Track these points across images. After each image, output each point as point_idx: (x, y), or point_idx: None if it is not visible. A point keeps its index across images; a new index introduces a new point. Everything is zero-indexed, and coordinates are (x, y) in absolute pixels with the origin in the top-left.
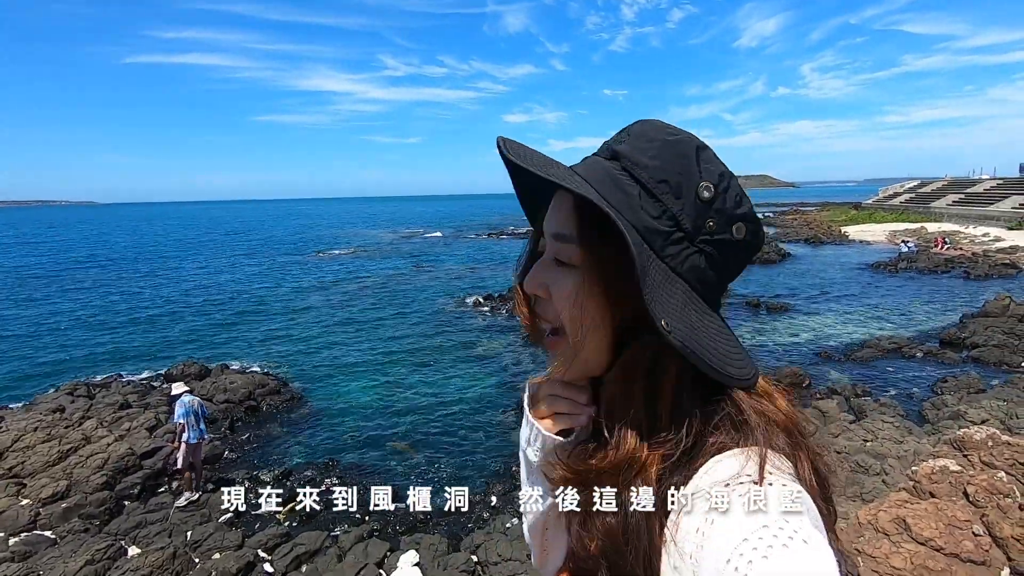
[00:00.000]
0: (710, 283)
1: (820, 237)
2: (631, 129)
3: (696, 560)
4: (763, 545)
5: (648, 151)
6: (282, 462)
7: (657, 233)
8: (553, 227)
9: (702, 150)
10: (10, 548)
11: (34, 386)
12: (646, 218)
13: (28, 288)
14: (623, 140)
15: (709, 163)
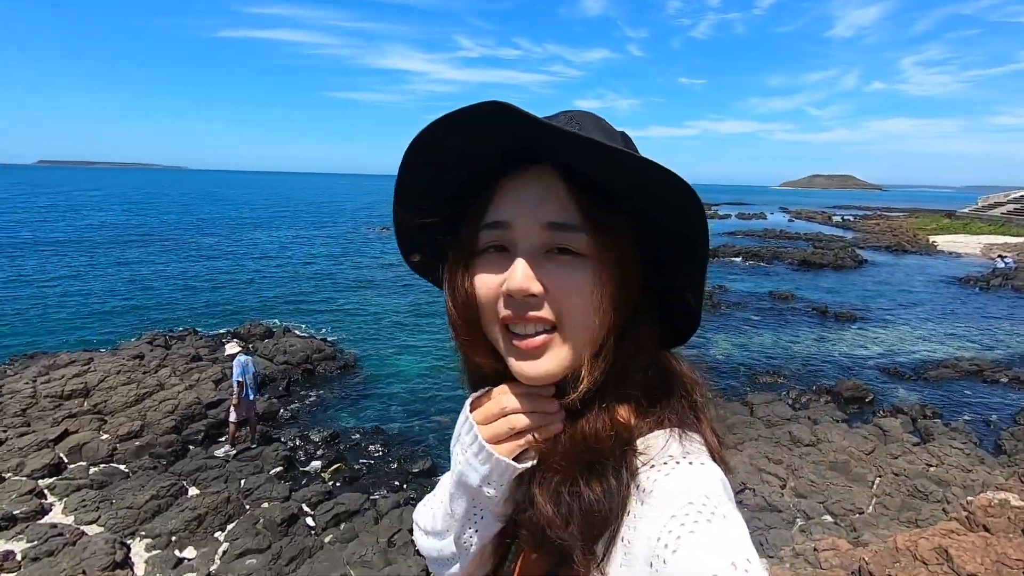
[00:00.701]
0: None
1: (904, 245)
2: (577, 118)
3: (628, 541)
4: (689, 521)
5: (610, 142)
6: (331, 425)
7: None
8: (544, 215)
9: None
10: (90, 476)
11: (120, 333)
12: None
13: (124, 246)
14: (577, 128)
15: None
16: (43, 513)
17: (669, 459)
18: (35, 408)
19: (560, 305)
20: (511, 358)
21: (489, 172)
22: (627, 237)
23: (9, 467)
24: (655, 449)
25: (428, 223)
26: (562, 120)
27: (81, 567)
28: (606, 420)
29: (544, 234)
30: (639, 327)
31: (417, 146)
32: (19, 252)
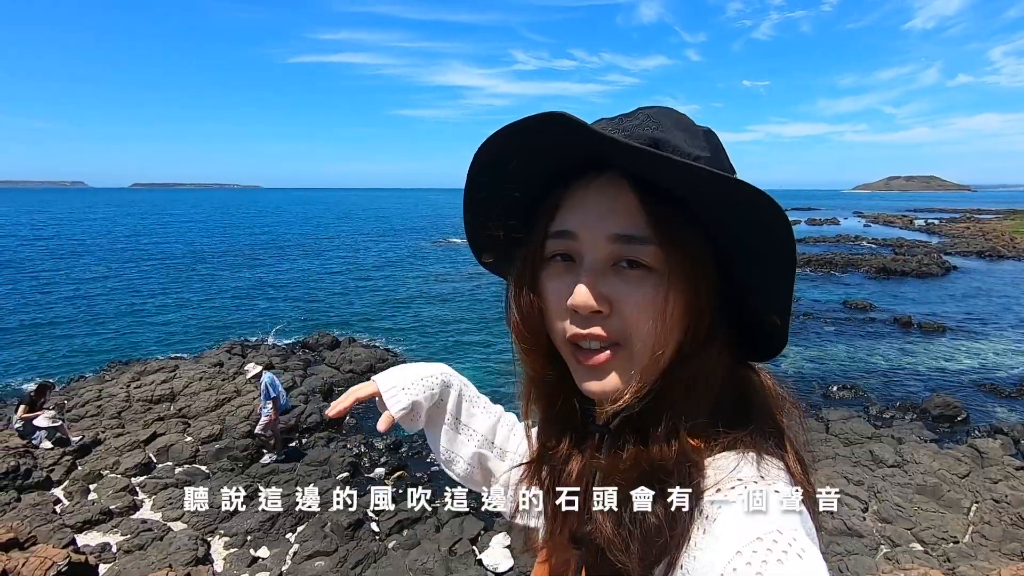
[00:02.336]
0: None
1: (999, 250)
2: (655, 116)
3: (687, 571)
4: (757, 560)
5: (691, 140)
6: (395, 432)
7: None
8: (610, 227)
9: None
10: (175, 475)
11: (203, 341)
12: None
13: (206, 262)
14: (653, 128)
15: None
16: (135, 509)
17: (738, 483)
18: (128, 411)
19: (626, 322)
20: (577, 373)
21: (559, 176)
22: (702, 251)
23: (107, 465)
24: (724, 471)
25: (496, 232)
26: (639, 119)
27: (168, 561)
28: (672, 438)
29: (610, 246)
30: (713, 344)
31: (483, 154)
32: (118, 267)
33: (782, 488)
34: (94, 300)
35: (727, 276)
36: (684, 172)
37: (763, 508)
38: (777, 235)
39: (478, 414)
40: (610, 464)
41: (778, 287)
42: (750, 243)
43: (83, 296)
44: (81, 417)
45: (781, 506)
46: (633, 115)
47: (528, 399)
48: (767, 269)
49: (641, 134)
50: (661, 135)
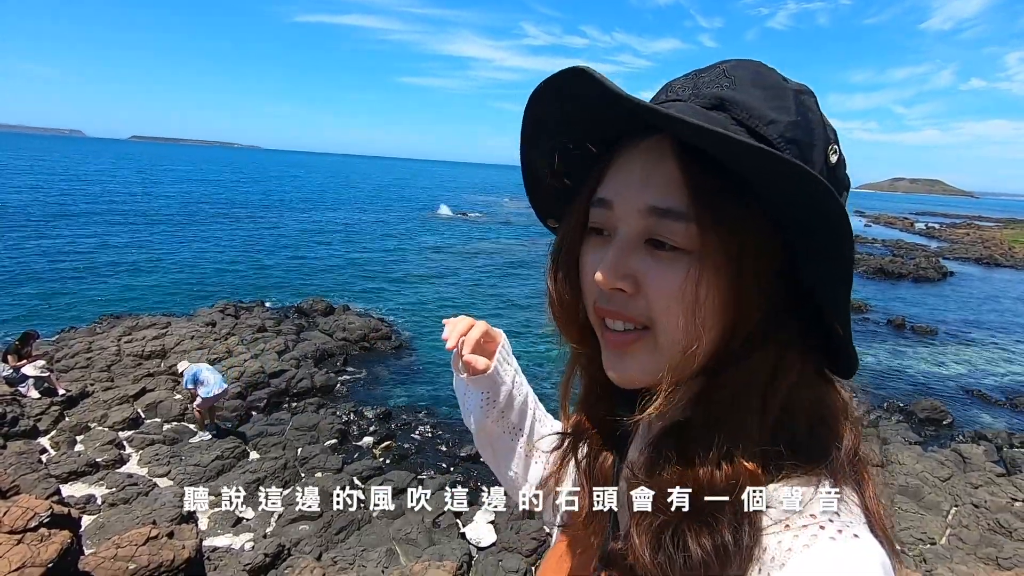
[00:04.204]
0: None
1: (996, 258)
2: (730, 72)
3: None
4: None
5: (771, 101)
6: (384, 402)
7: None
8: (647, 197)
9: (818, 103)
10: (163, 432)
11: (196, 299)
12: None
13: (204, 220)
14: (725, 85)
15: (827, 120)
16: (121, 463)
17: (811, 522)
18: (118, 365)
19: (652, 306)
20: (604, 356)
21: (616, 137)
22: (754, 236)
23: (95, 417)
24: (792, 504)
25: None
26: (714, 74)
27: (152, 516)
28: (723, 460)
29: (644, 220)
30: (768, 348)
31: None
32: (114, 220)
33: (862, 534)
34: (87, 252)
35: (793, 272)
36: (726, 144)
37: (840, 562)
38: (839, 234)
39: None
40: (653, 483)
41: (838, 293)
42: (813, 237)
43: (76, 248)
44: (70, 368)
45: (861, 559)
46: (710, 69)
47: (570, 376)
48: (829, 271)
49: (708, 92)
50: (731, 94)
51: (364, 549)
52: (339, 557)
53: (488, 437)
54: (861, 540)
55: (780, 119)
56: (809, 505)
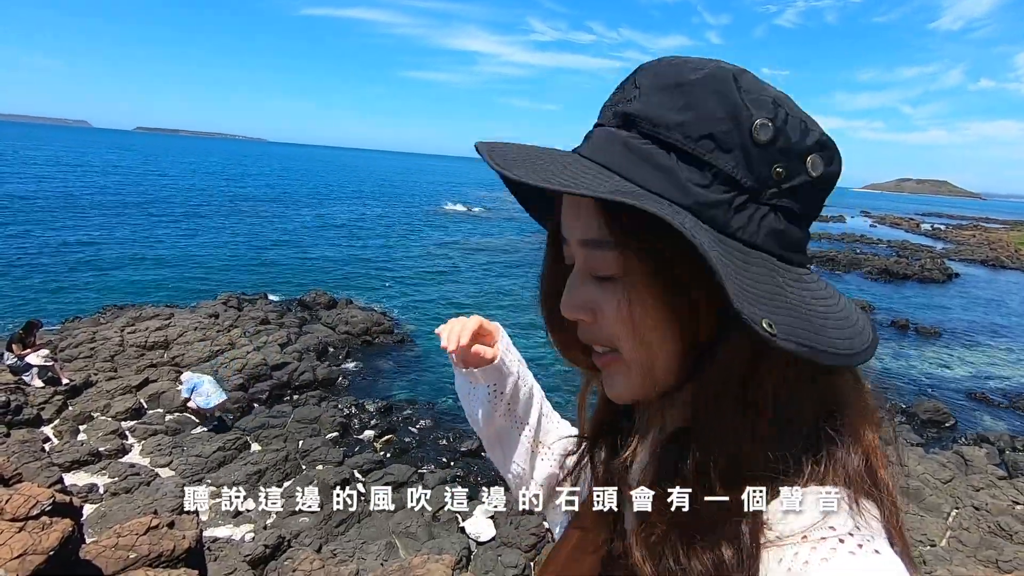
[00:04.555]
0: (795, 240)
1: (1002, 260)
2: (639, 80)
3: None
4: None
5: (673, 102)
6: (385, 396)
7: (714, 205)
8: (578, 232)
9: (741, 77)
10: (165, 423)
11: (199, 291)
12: (695, 191)
13: (208, 212)
14: (632, 97)
15: (755, 92)
16: (124, 452)
17: (830, 534)
18: (122, 355)
19: (608, 331)
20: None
21: None
22: (667, 253)
23: (98, 407)
24: (809, 515)
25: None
26: (628, 84)
27: (153, 506)
28: (710, 475)
29: (582, 252)
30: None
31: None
32: (119, 211)
33: (883, 549)
34: (91, 243)
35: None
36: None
37: (862, 574)
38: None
39: (552, 429)
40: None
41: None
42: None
43: (80, 238)
44: (74, 358)
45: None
46: (627, 79)
47: (586, 388)
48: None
49: (619, 110)
50: (635, 107)
51: (364, 542)
52: (339, 550)
53: (496, 434)
54: (882, 556)
55: (684, 119)
56: (829, 517)
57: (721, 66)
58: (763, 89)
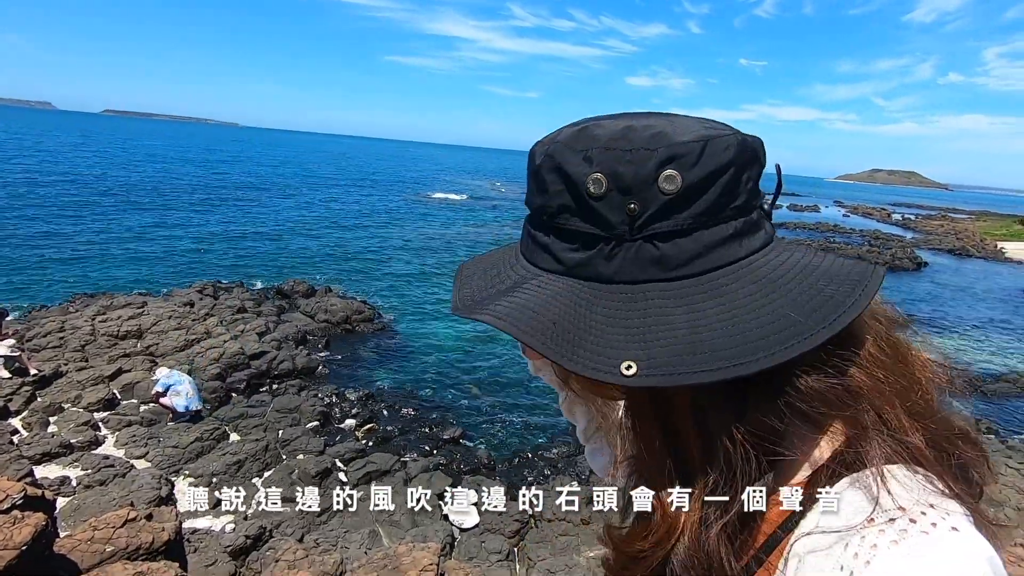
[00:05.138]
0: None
1: (968, 249)
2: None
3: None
4: None
5: (535, 189)
6: (367, 385)
7: (589, 263)
8: None
9: (575, 141)
10: (140, 413)
11: (173, 279)
12: (569, 256)
13: (181, 198)
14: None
15: (578, 149)
16: (97, 444)
17: (899, 515)
18: (93, 345)
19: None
20: None
21: None
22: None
23: (69, 398)
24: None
25: None
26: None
27: (129, 498)
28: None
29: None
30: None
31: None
32: (86, 196)
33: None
34: (56, 229)
35: None
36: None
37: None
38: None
39: None
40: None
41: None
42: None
43: (46, 224)
44: (42, 348)
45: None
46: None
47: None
48: None
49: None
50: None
51: (347, 531)
52: (321, 539)
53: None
54: (960, 534)
55: (542, 202)
56: (892, 498)
57: (557, 142)
58: (594, 141)
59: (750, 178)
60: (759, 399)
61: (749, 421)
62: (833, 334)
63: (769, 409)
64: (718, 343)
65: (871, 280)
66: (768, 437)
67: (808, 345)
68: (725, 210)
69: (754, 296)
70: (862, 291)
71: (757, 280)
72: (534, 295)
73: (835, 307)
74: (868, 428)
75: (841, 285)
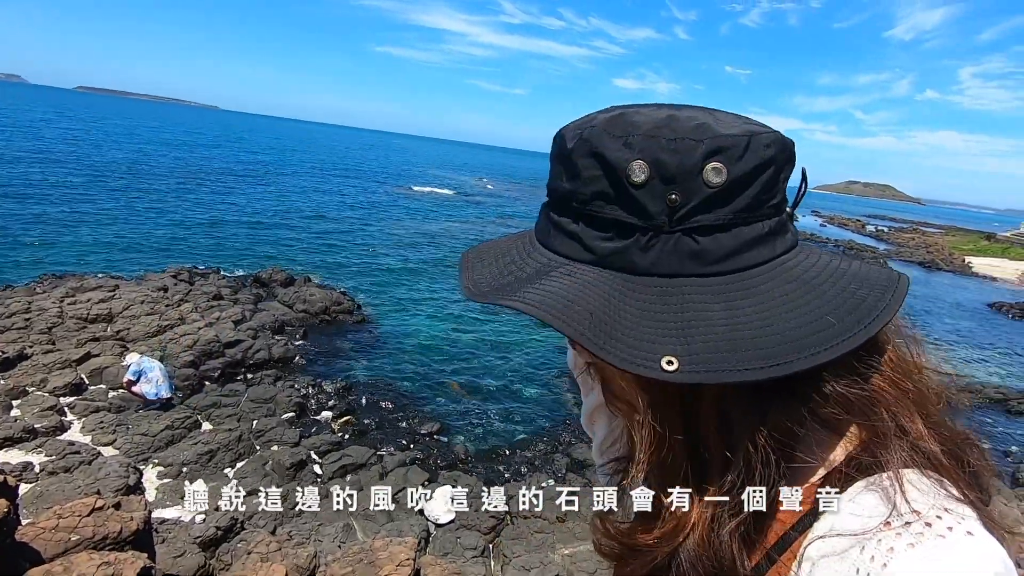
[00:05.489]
0: (723, 252)
1: (937, 263)
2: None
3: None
4: None
5: (563, 174)
6: (344, 377)
7: (623, 252)
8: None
9: (608, 127)
10: (108, 399)
11: (146, 263)
12: (601, 246)
13: (157, 180)
14: (551, 175)
15: (620, 135)
16: (62, 430)
17: (914, 518)
18: (60, 328)
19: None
20: None
21: None
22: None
23: (33, 382)
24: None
25: None
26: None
27: (96, 486)
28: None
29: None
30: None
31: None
32: (61, 175)
33: (976, 531)
34: (23, 206)
35: None
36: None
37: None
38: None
39: None
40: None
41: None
42: None
43: (11, 201)
44: (6, 329)
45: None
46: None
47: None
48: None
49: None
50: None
51: (320, 524)
52: (295, 532)
53: None
54: (975, 538)
55: (573, 187)
56: (909, 501)
57: (593, 126)
58: (634, 127)
59: (785, 177)
60: (783, 402)
61: (771, 424)
62: (869, 336)
63: (792, 412)
64: (759, 342)
65: (899, 286)
66: (788, 441)
67: (848, 347)
68: (763, 207)
69: (790, 296)
70: (892, 296)
71: (792, 280)
72: (566, 283)
73: (868, 311)
74: (887, 434)
75: (872, 290)
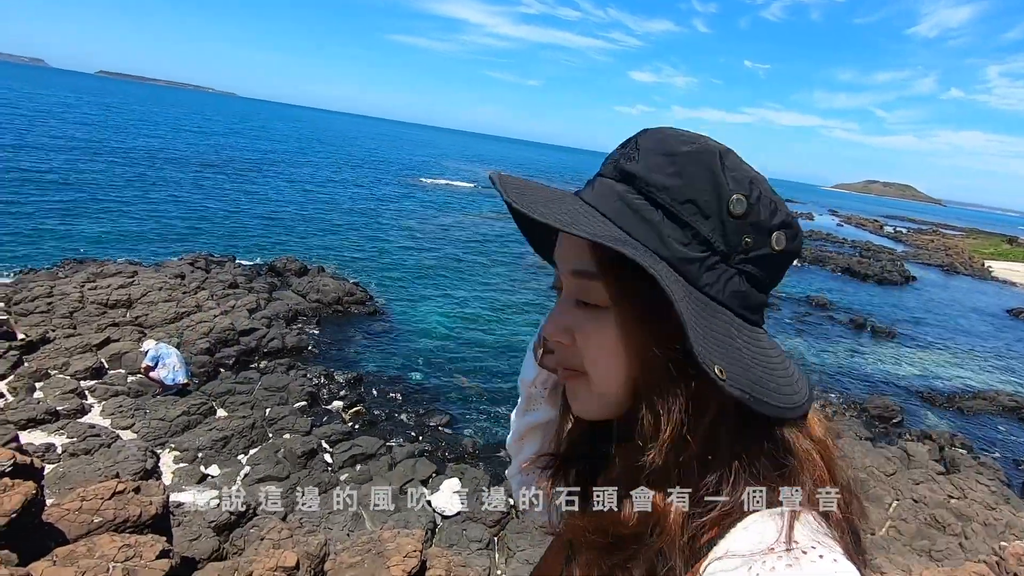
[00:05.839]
0: (754, 303)
1: (956, 266)
2: (640, 143)
3: None
4: None
5: (665, 168)
6: (355, 367)
7: (690, 261)
8: (570, 262)
9: (726, 156)
10: (127, 384)
11: (164, 249)
12: (675, 246)
13: (176, 167)
14: (633, 157)
15: (736, 170)
16: (83, 413)
17: (794, 546)
18: (81, 312)
19: (584, 355)
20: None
21: None
22: (649, 285)
23: (56, 365)
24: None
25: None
26: (631, 145)
27: (115, 469)
28: (626, 502)
29: (572, 281)
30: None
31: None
32: (82, 162)
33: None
34: (45, 191)
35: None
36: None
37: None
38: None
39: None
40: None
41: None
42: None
43: (34, 185)
44: (29, 312)
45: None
46: (631, 140)
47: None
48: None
49: (620, 167)
50: (634, 167)
51: (330, 511)
52: (305, 519)
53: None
54: (839, 564)
55: (672, 184)
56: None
57: (710, 144)
58: (743, 169)
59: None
60: (756, 434)
61: (747, 448)
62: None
63: (758, 445)
64: (770, 385)
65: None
66: (752, 463)
67: (809, 407)
68: (773, 285)
69: (779, 359)
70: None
71: (773, 347)
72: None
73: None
74: (805, 483)
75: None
